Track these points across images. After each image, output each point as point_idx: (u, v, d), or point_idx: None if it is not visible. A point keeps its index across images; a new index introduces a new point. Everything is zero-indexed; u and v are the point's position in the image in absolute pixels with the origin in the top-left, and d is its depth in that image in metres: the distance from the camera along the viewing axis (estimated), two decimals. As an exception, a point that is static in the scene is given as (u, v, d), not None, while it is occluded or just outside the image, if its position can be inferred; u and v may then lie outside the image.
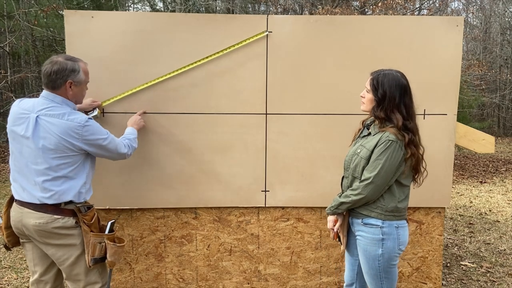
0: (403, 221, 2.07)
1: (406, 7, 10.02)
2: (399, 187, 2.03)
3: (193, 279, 2.84)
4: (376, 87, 1.99)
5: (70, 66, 2.06)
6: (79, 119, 2.04)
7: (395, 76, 1.99)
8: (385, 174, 1.94)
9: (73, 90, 2.10)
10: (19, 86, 10.27)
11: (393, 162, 1.94)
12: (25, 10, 7.77)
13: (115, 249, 2.13)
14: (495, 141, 2.88)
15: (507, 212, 5.56)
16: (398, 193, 2.03)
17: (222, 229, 2.79)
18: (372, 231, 2.03)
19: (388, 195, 2.01)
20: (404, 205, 2.06)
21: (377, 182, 1.95)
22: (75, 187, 2.08)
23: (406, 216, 2.11)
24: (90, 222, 2.11)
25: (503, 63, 15.58)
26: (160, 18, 2.60)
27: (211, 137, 2.65)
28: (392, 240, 2.02)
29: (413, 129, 2.00)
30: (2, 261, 3.72)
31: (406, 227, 2.09)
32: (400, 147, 1.95)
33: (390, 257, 2.03)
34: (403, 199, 2.06)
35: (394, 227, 2.02)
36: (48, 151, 2.01)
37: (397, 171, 1.97)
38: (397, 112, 1.97)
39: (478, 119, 14.86)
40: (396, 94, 1.96)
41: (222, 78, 2.62)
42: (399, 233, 2.03)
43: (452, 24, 2.62)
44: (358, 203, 2.03)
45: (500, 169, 8.79)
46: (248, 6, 13.73)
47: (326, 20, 2.64)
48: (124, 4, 11.97)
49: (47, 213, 2.04)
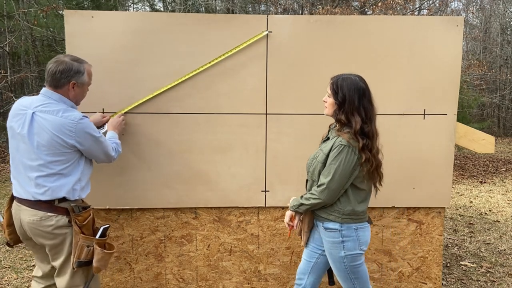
0: (363, 223, 2.10)
1: (406, 7, 10.02)
2: (355, 191, 2.06)
3: (193, 279, 2.84)
4: (336, 91, 2.04)
5: (75, 67, 2.08)
6: (73, 116, 2.04)
7: (353, 80, 2.04)
8: (339, 178, 1.98)
9: (75, 91, 2.12)
10: (19, 86, 10.27)
11: (346, 167, 1.97)
12: (24, 10, 7.76)
13: (102, 255, 2.11)
14: (495, 141, 2.88)
15: (507, 212, 5.56)
16: (354, 196, 2.06)
17: (222, 229, 2.79)
18: (332, 235, 2.08)
19: (344, 198, 2.05)
20: (362, 208, 2.09)
21: (331, 187, 1.99)
22: (68, 184, 2.08)
23: (366, 218, 2.14)
24: (82, 224, 2.10)
25: (503, 63, 15.57)
26: (160, 18, 2.60)
27: (211, 137, 2.65)
28: (352, 242, 2.06)
29: (370, 134, 2.02)
30: (2, 261, 3.72)
31: (367, 228, 2.13)
32: (353, 151, 1.98)
33: (353, 258, 2.08)
34: (361, 202, 2.09)
35: (353, 229, 2.06)
36: (42, 147, 2.02)
37: (351, 175, 2.00)
38: (357, 115, 2.01)
39: (478, 119, 14.84)
40: (355, 97, 2.01)
41: (222, 78, 2.62)
42: (358, 234, 2.07)
43: (452, 24, 2.62)
44: (316, 206, 2.08)
45: (500, 169, 8.79)
46: (248, 6, 13.74)
47: (326, 20, 2.64)
48: (124, 4, 11.98)
49: (41, 210, 2.05)
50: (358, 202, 2.07)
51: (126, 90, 2.59)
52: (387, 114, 2.67)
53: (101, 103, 2.58)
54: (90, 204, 2.24)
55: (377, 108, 2.13)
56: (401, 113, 2.68)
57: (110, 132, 2.42)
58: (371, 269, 2.86)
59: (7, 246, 2.56)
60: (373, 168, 2.04)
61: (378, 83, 2.66)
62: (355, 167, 1.99)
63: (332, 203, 2.05)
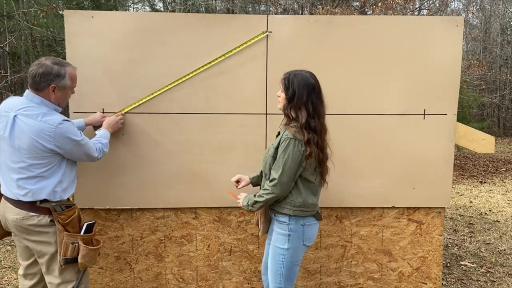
0: (310, 219, 2.17)
1: (406, 7, 10.02)
2: (304, 183, 2.12)
3: (193, 279, 2.84)
4: (287, 86, 2.10)
5: (55, 70, 2.07)
6: (52, 121, 2.03)
7: (304, 76, 2.10)
8: (289, 170, 2.03)
9: (56, 94, 2.11)
10: (19, 86, 10.27)
11: (294, 159, 2.03)
12: (24, 10, 7.76)
13: (86, 251, 2.13)
14: (495, 141, 2.88)
15: (507, 212, 5.56)
16: (304, 188, 2.12)
17: (222, 229, 2.79)
18: (282, 227, 2.15)
19: (295, 190, 2.11)
20: (312, 200, 2.15)
21: (282, 180, 2.04)
22: (48, 186, 2.09)
23: (315, 212, 2.18)
24: (65, 222, 2.11)
25: (503, 63, 15.57)
26: (160, 18, 2.60)
27: (211, 137, 2.65)
28: (297, 237, 2.14)
29: (317, 128, 2.08)
30: (2, 261, 3.72)
31: (314, 225, 2.19)
32: (299, 143, 2.04)
33: (294, 253, 2.15)
34: (311, 194, 2.15)
35: (300, 225, 2.13)
36: (22, 150, 2.04)
37: (299, 166, 2.06)
38: (304, 110, 2.07)
39: (478, 119, 14.84)
40: (304, 93, 2.07)
41: (222, 78, 2.62)
42: (305, 230, 2.15)
43: (452, 24, 2.62)
44: (271, 201, 2.12)
45: (500, 169, 8.79)
46: (248, 6, 13.74)
47: (326, 20, 2.64)
48: (124, 4, 11.97)
49: (23, 209, 2.08)
50: (309, 195, 2.13)
51: (126, 90, 2.59)
52: (387, 114, 2.68)
53: (101, 103, 2.58)
54: (74, 203, 2.25)
55: (377, 108, 2.14)
56: (401, 113, 2.68)
57: (102, 130, 2.42)
58: (371, 269, 2.86)
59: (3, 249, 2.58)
60: (319, 162, 2.10)
61: (378, 83, 2.66)
62: (302, 159, 2.05)
63: (285, 196, 2.10)
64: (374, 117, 2.68)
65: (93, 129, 2.51)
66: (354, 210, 2.80)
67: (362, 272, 2.87)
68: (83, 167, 2.60)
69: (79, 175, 2.61)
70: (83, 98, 2.56)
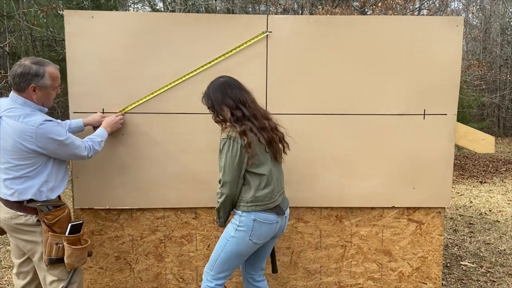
0: (264, 214, 2.15)
1: (406, 7, 10.02)
2: (254, 177, 2.13)
3: (193, 279, 2.84)
4: (207, 99, 2.20)
5: (34, 70, 2.06)
6: (33, 122, 2.02)
7: (214, 82, 2.20)
8: (230, 170, 2.07)
9: (37, 94, 2.10)
10: (19, 86, 10.26)
11: (232, 157, 2.06)
12: (24, 10, 7.76)
13: (70, 251, 2.13)
14: (495, 141, 2.88)
15: (507, 212, 5.56)
16: (254, 183, 2.13)
17: (222, 229, 2.79)
18: (235, 218, 2.19)
19: (245, 187, 2.14)
20: (263, 193, 2.14)
21: (226, 179, 2.09)
22: (33, 186, 2.10)
23: (270, 206, 2.17)
24: (51, 222, 2.12)
25: (503, 63, 15.57)
26: (160, 18, 2.60)
27: (211, 137, 2.65)
28: (246, 230, 2.14)
29: (246, 114, 2.11)
30: (2, 261, 3.72)
31: (266, 224, 2.16)
32: (234, 141, 2.06)
33: (238, 244, 2.16)
34: (264, 188, 2.14)
35: (251, 219, 2.13)
36: (7, 151, 2.05)
37: (241, 163, 2.08)
38: (225, 107, 2.12)
39: (478, 119, 14.85)
40: (218, 94, 2.14)
41: (222, 78, 2.62)
42: (254, 226, 2.14)
43: (452, 24, 2.62)
44: (227, 203, 2.15)
45: (500, 169, 8.79)
46: (248, 6, 13.74)
47: (326, 20, 2.64)
48: (124, 4, 11.97)
49: (12, 209, 2.11)
50: (260, 189, 2.13)
51: (126, 90, 2.59)
52: (387, 114, 2.68)
53: (101, 103, 2.58)
54: (64, 203, 2.25)
55: (377, 108, 2.13)
56: (401, 113, 2.68)
57: (100, 129, 2.42)
58: (371, 269, 2.86)
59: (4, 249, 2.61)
60: (267, 143, 2.12)
61: (378, 83, 2.66)
62: (242, 155, 2.06)
63: (235, 193, 2.13)
64: (374, 117, 2.68)
65: (92, 129, 2.51)
66: (354, 210, 2.80)
67: (362, 272, 2.87)
68: (83, 167, 2.60)
69: (79, 175, 2.62)
70: (83, 98, 2.56)
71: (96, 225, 2.73)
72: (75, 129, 2.47)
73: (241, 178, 2.11)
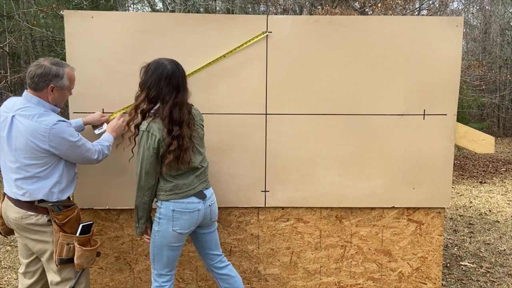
0: (183, 204, 2.18)
1: (406, 7, 10.03)
2: (168, 167, 2.13)
3: (193, 279, 2.84)
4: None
5: (54, 71, 2.08)
6: (47, 121, 2.04)
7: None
8: (142, 161, 2.11)
9: (54, 94, 2.12)
10: (19, 86, 10.27)
11: (146, 148, 2.10)
12: (24, 11, 7.76)
13: (81, 252, 2.15)
14: (495, 141, 2.88)
15: (507, 212, 5.56)
16: (168, 172, 2.15)
17: (222, 229, 2.79)
18: (156, 211, 2.22)
19: (161, 177, 2.17)
20: (184, 181, 2.18)
21: (141, 171, 2.13)
22: (45, 186, 2.11)
23: (192, 192, 2.20)
24: (62, 222, 2.12)
25: (503, 64, 15.58)
26: (160, 18, 2.60)
27: (211, 137, 2.65)
28: (166, 221, 2.17)
29: (150, 105, 2.17)
30: (2, 261, 3.72)
31: (187, 213, 2.19)
32: (147, 132, 2.09)
33: (164, 236, 2.19)
34: (181, 175, 2.18)
35: (170, 210, 2.17)
36: (19, 150, 2.05)
37: (155, 155, 2.11)
38: (141, 103, 2.18)
39: (477, 120, 14.86)
40: (138, 95, 2.20)
41: (222, 78, 2.62)
42: (174, 216, 2.17)
43: (451, 25, 2.63)
44: (141, 197, 2.17)
45: (500, 169, 8.79)
46: (248, 6, 13.74)
47: (326, 20, 2.64)
48: (124, 4, 11.97)
49: (22, 208, 2.11)
50: (178, 177, 2.17)
51: (126, 90, 2.59)
52: (387, 114, 2.68)
53: (101, 103, 2.58)
54: (74, 203, 2.27)
55: (377, 108, 2.12)
56: (401, 113, 2.68)
57: (106, 133, 2.43)
58: (371, 269, 2.86)
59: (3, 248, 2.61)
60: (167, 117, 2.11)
61: (378, 83, 2.66)
62: (155, 146, 2.09)
63: (152, 184, 2.15)
64: (374, 117, 2.68)
65: (92, 128, 2.51)
66: (354, 210, 2.80)
67: (362, 272, 2.87)
68: (83, 167, 2.59)
69: (79, 175, 2.62)
70: (83, 98, 2.56)
71: (96, 225, 2.72)
72: (75, 128, 2.47)
73: (156, 171, 2.15)
